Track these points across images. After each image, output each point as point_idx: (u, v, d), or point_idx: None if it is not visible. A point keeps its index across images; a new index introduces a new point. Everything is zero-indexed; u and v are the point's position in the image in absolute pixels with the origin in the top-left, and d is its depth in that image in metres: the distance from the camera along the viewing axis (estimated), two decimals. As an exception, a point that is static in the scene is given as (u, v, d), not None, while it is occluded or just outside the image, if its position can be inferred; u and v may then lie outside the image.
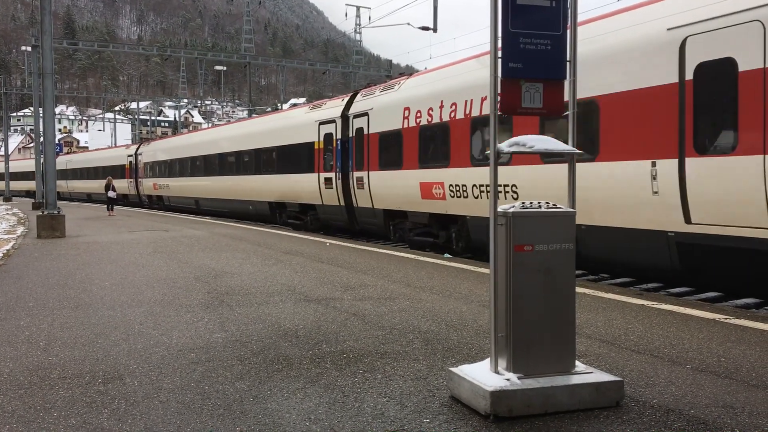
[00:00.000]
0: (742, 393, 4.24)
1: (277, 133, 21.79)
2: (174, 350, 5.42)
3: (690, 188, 8.23)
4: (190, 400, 4.19)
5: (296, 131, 20.31)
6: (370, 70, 52.02)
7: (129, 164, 39.95)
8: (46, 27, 17.43)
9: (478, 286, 8.56)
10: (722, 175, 7.84)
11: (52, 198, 17.74)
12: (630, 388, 4.32)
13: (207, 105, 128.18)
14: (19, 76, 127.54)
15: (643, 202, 8.87)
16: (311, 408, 4.04)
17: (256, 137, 23.25)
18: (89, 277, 9.68)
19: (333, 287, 8.54)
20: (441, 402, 4.12)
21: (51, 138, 18.64)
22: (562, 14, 4.14)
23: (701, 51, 8.08)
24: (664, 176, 8.54)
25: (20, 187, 65.97)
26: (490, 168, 4.05)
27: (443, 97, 13.20)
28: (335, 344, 5.57)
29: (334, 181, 17.82)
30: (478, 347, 5.44)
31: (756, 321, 6.32)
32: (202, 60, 54.08)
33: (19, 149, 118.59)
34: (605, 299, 7.56)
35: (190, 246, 14.06)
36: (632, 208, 9.09)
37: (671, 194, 8.45)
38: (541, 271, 4.01)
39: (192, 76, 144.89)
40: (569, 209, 4.16)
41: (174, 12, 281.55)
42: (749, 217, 7.62)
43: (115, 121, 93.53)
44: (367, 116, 16.38)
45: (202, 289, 8.49)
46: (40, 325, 6.47)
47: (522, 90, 4.09)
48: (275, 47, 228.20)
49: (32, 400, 4.25)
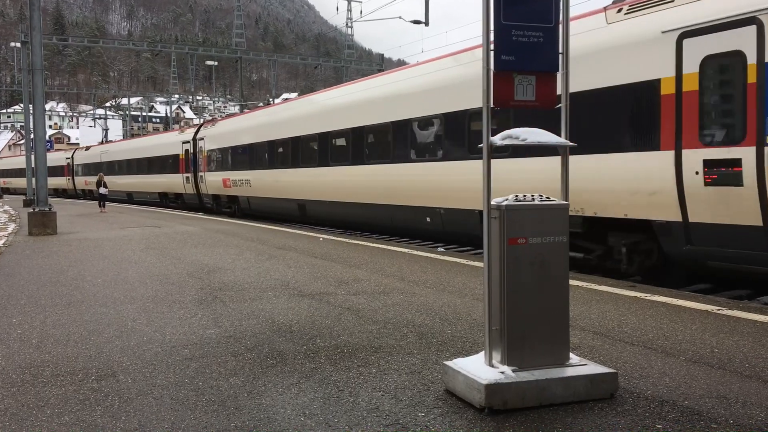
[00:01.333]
0: (736, 384, 4.26)
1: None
2: (167, 346, 5.40)
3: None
4: (184, 397, 4.18)
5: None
6: (362, 65, 51.88)
7: (185, 153, 29.74)
8: (35, 23, 17.29)
9: (471, 279, 8.57)
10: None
11: (44, 195, 17.64)
12: (624, 379, 4.33)
13: (198, 100, 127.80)
14: (9, 73, 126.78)
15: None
16: (306, 403, 4.03)
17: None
18: (81, 274, 9.64)
19: (327, 282, 8.53)
20: (436, 395, 4.12)
21: (41, 134, 18.50)
22: (554, 7, 4.13)
23: None
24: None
25: (21, 185, 64.83)
26: (483, 161, 4.05)
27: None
28: (329, 339, 5.57)
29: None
30: (472, 340, 5.44)
31: (748, 312, 6.36)
32: (192, 55, 53.94)
33: (9, 146, 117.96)
34: (599, 291, 7.58)
35: (183, 242, 14.02)
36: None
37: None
38: (535, 264, 4.01)
39: (183, 71, 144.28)
40: (562, 202, 4.16)
41: (164, 7, 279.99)
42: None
43: (105, 117, 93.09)
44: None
45: (196, 285, 8.46)
46: (33, 322, 6.44)
47: (515, 83, 4.08)
48: (266, 42, 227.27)
49: (25, 397, 4.22)
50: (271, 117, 22.09)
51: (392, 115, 14.42)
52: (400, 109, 14.18)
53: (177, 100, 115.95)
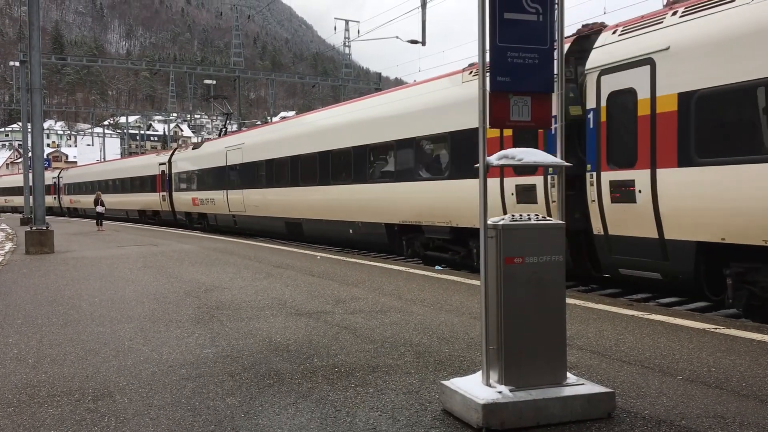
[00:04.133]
0: (733, 403, 4.26)
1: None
2: (164, 366, 5.39)
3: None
4: (181, 417, 4.17)
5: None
6: (360, 83, 52.14)
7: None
8: (34, 42, 17.39)
9: (469, 298, 8.57)
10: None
11: (41, 213, 17.64)
12: (621, 399, 4.33)
13: (197, 119, 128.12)
14: (8, 91, 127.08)
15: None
16: (303, 423, 4.02)
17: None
18: (78, 293, 9.62)
19: (324, 301, 8.52)
20: (433, 415, 4.12)
21: (39, 153, 18.55)
22: (549, 28, 4.18)
23: None
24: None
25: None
26: (479, 180, 4.08)
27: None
28: (327, 358, 5.56)
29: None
30: (469, 360, 5.44)
31: (745, 330, 6.36)
32: (191, 74, 54.17)
33: (7, 164, 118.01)
34: (596, 310, 7.58)
35: (180, 260, 14.00)
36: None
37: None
38: (532, 283, 4.02)
39: (181, 90, 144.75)
40: (559, 221, 4.18)
41: (163, 26, 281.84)
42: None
43: (104, 136, 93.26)
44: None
45: (193, 304, 8.45)
46: (29, 342, 6.42)
47: (510, 103, 4.12)
48: (264, 61, 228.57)
49: (21, 418, 4.20)
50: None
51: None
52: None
53: (175, 119, 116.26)
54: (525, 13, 4.11)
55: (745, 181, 7.47)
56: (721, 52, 7.79)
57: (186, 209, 29.82)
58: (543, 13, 4.15)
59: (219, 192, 25.32)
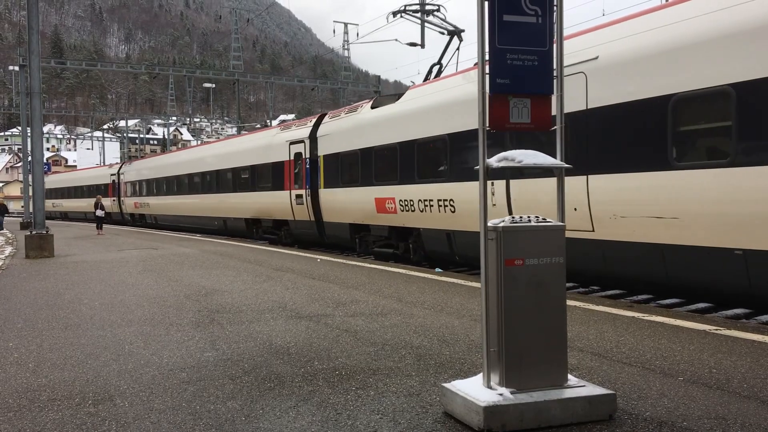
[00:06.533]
0: (734, 404, 4.26)
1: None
2: (165, 370, 5.38)
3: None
4: (182, 421, 4.16)
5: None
6: (359, 86, 52.12)
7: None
8: (33, 46, 17.40)
9: (469, 300, 8.56)
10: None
11: (41, 217, 17.63)
12: (622, 400, 4.33)
13: (196, 122, 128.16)
14: (7, 96, 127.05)
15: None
16: (304, 426, 4.01)
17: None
18: (78, 297, 9.62)
19: (324, 303, 8.52)
20: (434, 418, 4.11)
21: (39, 157, 18.54)
22: (548, 30, 4.19)
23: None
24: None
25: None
26: (479, 183, 4.07)
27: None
28: (327, 361, 5.55)
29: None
30: (470, 362, 5.43)
31: (746, 332, 6.36)
32: (190, 77, 54.09)
33: (7, 169, 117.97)
34: (596, 312, 7.58)
35: (180, 264, 14.00)
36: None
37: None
38: (532, 285, 4.02)
39: (180, 93, 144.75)
40: (559, 223, 4.18)
41: (162, 30, 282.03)
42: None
43: (103, 140, 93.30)
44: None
45: (193, 307, 8.45)
46: (29, 346, 6.41)
47: (510, 105, 4.12)
48: (264, 64, 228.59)
49: (21, 422, 4.20)
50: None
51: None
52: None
53: (174, 122, 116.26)
54: (524, 16, 4.11)
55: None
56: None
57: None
58: (542, 15, 4.15)
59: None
